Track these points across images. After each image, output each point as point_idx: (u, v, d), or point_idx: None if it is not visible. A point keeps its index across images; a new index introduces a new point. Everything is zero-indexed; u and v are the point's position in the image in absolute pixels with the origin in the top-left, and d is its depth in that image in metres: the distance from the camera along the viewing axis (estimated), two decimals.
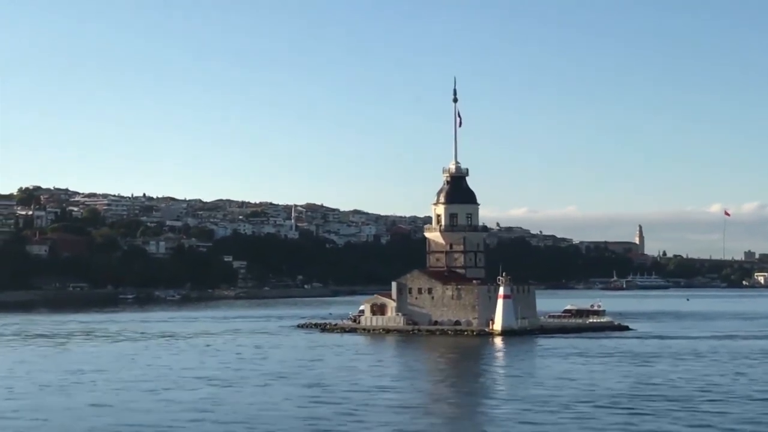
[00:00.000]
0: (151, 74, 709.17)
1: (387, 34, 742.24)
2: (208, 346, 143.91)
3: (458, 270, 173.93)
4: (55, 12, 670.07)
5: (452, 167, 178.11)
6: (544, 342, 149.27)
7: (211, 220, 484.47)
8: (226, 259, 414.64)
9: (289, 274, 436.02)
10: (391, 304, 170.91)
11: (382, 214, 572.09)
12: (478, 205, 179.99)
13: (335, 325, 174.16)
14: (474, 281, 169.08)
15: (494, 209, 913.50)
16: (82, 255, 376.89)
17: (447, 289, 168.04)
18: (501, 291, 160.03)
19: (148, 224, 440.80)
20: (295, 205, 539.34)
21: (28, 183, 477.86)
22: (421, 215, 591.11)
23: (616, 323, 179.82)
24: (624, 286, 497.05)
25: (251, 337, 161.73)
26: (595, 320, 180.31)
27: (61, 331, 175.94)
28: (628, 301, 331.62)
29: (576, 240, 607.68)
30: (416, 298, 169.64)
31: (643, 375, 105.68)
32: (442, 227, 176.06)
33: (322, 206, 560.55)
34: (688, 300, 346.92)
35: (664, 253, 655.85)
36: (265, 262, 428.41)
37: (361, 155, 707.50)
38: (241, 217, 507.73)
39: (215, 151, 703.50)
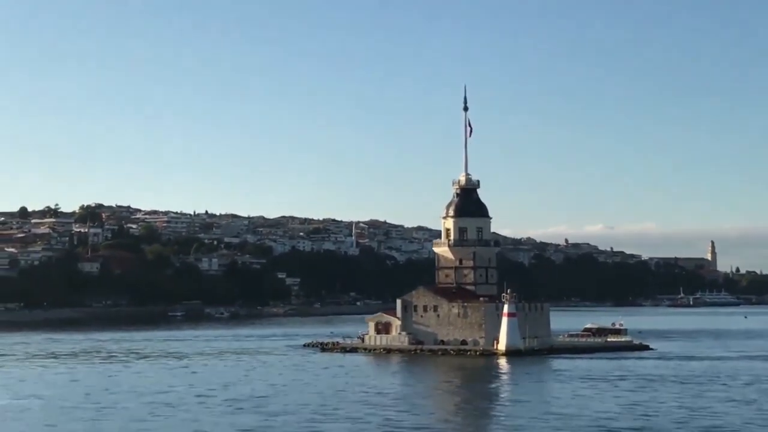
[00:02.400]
0: (217, 93, 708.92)
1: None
2: (185, 367, 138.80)
3: (468, 287, 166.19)
4: (117, 32, 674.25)
5: (462, 179, 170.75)
6: (550, 363, 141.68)
7: (270, 237, 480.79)
8: (279, 276, 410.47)
9: (343, 290, 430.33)
10: (396, 323, 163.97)
11: None
12: (490, 218, 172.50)
13: (337, 344, 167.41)
14: (481, 298, 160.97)
15: (570, 226, 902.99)
16: (134, 272, 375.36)
17: (453, 306, 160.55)
18: (505, 309, 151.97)
19: (205, 241, 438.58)
20: (358, 222, 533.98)
21: (92, 201, 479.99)
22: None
23: (636, 342, 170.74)
24: (691, 303, 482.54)
25: (243, 357, 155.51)
26: (614, 339, 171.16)
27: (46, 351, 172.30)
28: (672, 319, 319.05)
29: (645, 256, 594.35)
30: (421, 316, 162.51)
31: (634, 403, 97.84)
32: (451, 242, 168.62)
33: (384, 223, 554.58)
34: (745, 317, 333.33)
35: (737, 270, 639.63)
36: (321, 279, 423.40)
37: (428, 171, 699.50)
38: (301, 233, 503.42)
39: (280, 169, 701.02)
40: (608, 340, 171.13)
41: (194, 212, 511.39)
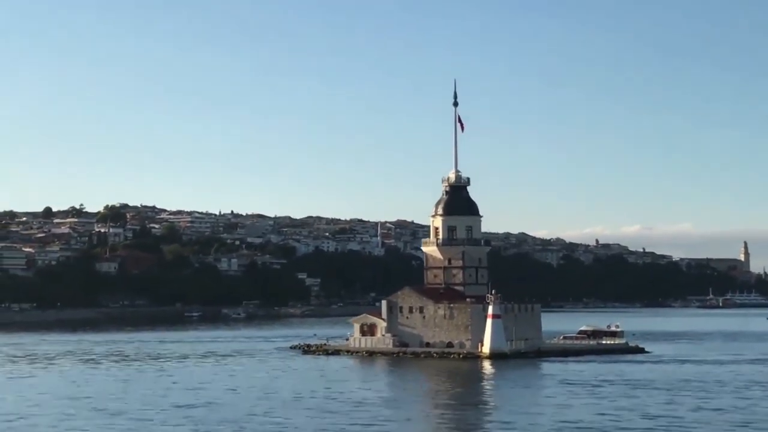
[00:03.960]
0: (245, 94, 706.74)
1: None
2: (161, 370, 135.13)
3: (457, 287, 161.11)
4: (143, 30, 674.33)
5: (451, 176, 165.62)
6: (534, 366, 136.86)
7: (294, 237, 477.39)
8: (299, 277, 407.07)
9: (364, 291, 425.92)
10: (381, 324, 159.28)
11: None
12: (480, 216, 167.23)
13: (320, 346, 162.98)
14: (468, 299, 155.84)
15: (606, 227, 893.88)
16: (152, 273, 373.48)
17: (439, 308, 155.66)
18: (490, 310, 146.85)
19: (227, 241, 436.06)
20: (385, 222, 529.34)
21: (118, 201, 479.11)
22: (515, 232, 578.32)
23: (632, 345, 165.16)
24: (720, 304, 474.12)
25: (225, 360, 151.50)
26: (609, 342, 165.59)
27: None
28: (691, 320, 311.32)
29: (677, 257, 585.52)
30: (407, 317, 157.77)
31: (602, 411, 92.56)
32: (440, 241, 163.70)
33: (411, 223, 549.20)
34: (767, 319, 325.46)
35: None
36: (343, 280, 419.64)
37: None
38: (327, 234, 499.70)
39: (307, 168, 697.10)
40: (602, 342, 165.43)
41: (219, 212, 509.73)
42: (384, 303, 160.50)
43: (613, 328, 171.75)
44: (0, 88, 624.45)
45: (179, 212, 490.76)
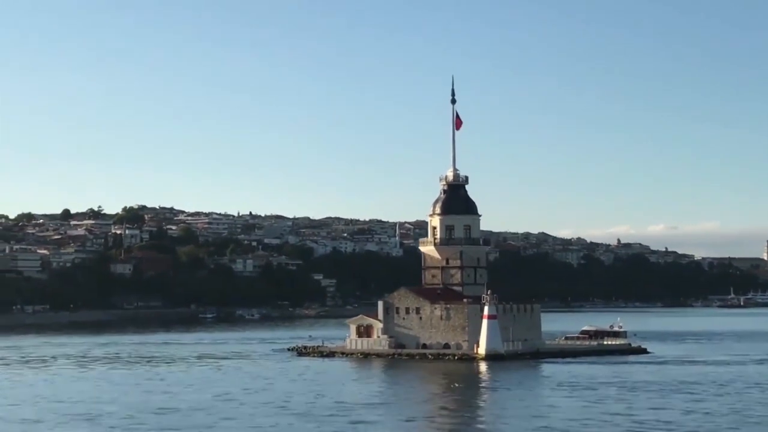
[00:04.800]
0: (265, 95, 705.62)
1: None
2: (148, 373, 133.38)
3: (455, 288, 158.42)
4: (158, 31, 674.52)
5: (449, 174, 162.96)
6: (530, 368, 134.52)
7: (312, 238, 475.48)
8: (316, 278, 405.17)
9: (379, 291, 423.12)
10: (378, 326, 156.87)
11: (495, 230, 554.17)
12: (479, 216, 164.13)
13: (315, 348, 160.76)
14: (465, 300, 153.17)
15: (633, 226, 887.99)
16: (166, 274, 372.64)
17: (435, 308, 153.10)
18: (485, 311, 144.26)
19: (244, 242, 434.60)
20: (404, 222, 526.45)
21: (136, 203, 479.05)
22: (535, 231, 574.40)
23: (633, 345, 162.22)
24: (741, 303, 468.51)
25: (220, 363, 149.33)
26: (610, 342, 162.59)
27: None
28: (704, 320, 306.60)
29: (699, 256, 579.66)
30: (404, 318, 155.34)
31: (589, 415, 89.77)
32: (437, 240, 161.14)
33: None
34: None
35: None
36: (359, 281, 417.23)
37: (480, 171, 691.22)
38: (345, 234, 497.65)
39: (327, 169, 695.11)
40: (604, 343, 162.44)
41: (238, 213, 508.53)
42: (380, 304, 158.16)
43: (615, 329, 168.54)
44: (21, 90, 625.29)
45: (197, 213, 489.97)
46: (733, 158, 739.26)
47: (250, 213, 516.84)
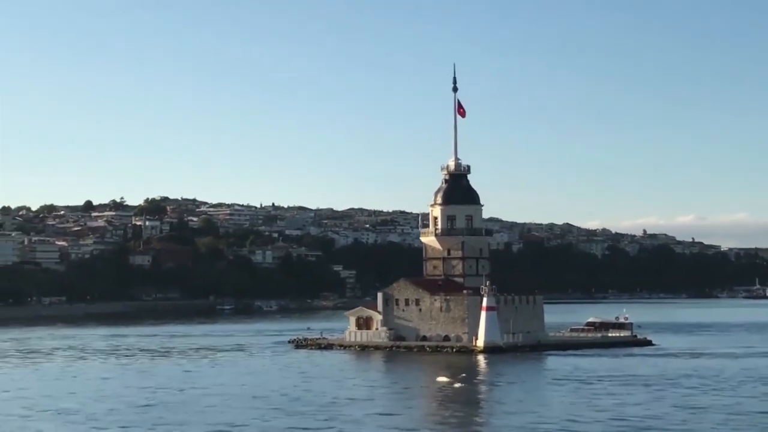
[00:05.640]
0: (286, 89, 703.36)
1: None
2: (141, 366, 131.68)
3: (457, 279, 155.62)
4: (178, 23, 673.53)
5: (451, 164, 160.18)
6: (528, 361, 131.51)
7: (334, 229, 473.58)
8: (335, 269, 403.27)
9: None
10: (378, 317, 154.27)
11: (519, 221, 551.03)
12: (481, 205, 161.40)
13: (314, 340, 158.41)
14: (465, 291, 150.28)
15: (661, 216, 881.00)
16: (185, 265, 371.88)
17: (435, 300, 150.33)
18: (484, 302, 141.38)
19: (265, 234, 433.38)
20: (427, 214, 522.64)
21: (158, 194, 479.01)
22: (560, 222, 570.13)
23: (639, 337, 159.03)
24: (766, 294, 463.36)
25: (220, 355, 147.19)
26: (615, 334, 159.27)
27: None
28: (724, 311, 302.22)
29: (725, 247, 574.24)
30: (403, 310, 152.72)
31: (576, 414, 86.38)
32: (438, 231, 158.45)
33: None
34: None
35: None
36: (379, 272, 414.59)
37: (505, 161, 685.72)
38: (367, 225, 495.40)
39: (352, 160, 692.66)
40: (609, 335, 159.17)
41: (260, 205, 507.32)
42: (379, 295, 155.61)
43: (621, 320, 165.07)
44: (46, 83, 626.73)
45: (219, 205, 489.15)
46: (763, 149, 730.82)
47: (273, 204, 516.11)
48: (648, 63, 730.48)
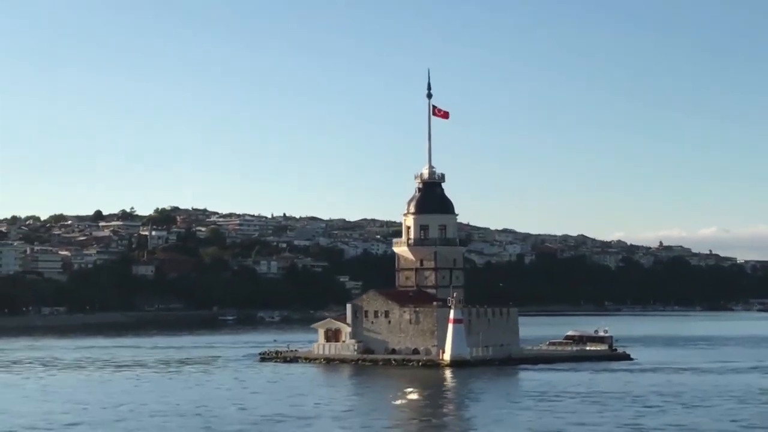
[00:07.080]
0: (300, 97, 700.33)
1: None
2: (97, 378, 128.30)
3: (429, 290, 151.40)
4: (190, 33, 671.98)
5: (425, 172, 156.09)
6: (493, 375, 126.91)
7: (344, 239, 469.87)
8: (341, 280, 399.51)
9: None
10: (346, 329, 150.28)
11: (533, 233, 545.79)
12: (456, 215, 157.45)
13: (279, 353, 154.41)
14: (435, 303, 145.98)
15: (683, 229, 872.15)
16: (189, 276, 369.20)
17: (404, 312, 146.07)
18: (451, 315, 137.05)
19: (272, 244, 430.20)
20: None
21: (168, 204, 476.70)
22: (574, 234, 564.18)
23: (618, 351, 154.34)
24: None
25: (185, 369, 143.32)
26: (592, 348, 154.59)
27: None
28: (727, 324, 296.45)
29: (741, 259, 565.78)
30: (372, 322, 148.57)
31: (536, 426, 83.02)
32: (411, 241, 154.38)
33: (468, 225, 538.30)
34: None
35: None
36: (386, 283, 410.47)
37: (521, 173, 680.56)
38: (378, 236, 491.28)
39: (364, 171, 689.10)
40: (585, 348, 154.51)
41: (271, 215, 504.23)
42: (348, 306, 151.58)
43: (601, 333, 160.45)
44: (53, 92, 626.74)
45: (230, 215, 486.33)
46: None
47: (284, 215, 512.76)
48: (674, 73, 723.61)
